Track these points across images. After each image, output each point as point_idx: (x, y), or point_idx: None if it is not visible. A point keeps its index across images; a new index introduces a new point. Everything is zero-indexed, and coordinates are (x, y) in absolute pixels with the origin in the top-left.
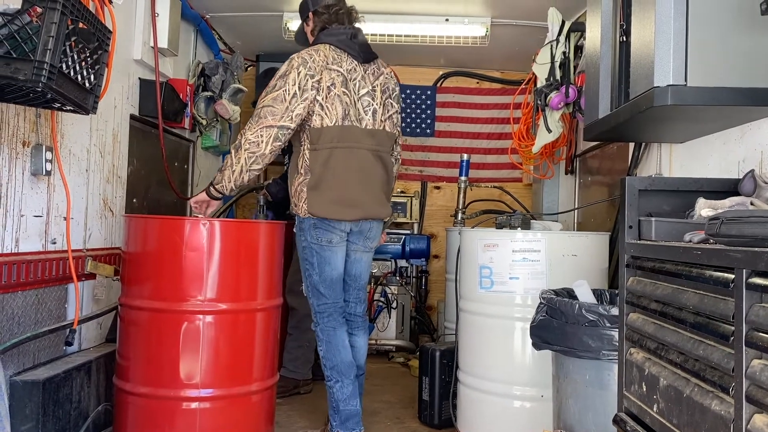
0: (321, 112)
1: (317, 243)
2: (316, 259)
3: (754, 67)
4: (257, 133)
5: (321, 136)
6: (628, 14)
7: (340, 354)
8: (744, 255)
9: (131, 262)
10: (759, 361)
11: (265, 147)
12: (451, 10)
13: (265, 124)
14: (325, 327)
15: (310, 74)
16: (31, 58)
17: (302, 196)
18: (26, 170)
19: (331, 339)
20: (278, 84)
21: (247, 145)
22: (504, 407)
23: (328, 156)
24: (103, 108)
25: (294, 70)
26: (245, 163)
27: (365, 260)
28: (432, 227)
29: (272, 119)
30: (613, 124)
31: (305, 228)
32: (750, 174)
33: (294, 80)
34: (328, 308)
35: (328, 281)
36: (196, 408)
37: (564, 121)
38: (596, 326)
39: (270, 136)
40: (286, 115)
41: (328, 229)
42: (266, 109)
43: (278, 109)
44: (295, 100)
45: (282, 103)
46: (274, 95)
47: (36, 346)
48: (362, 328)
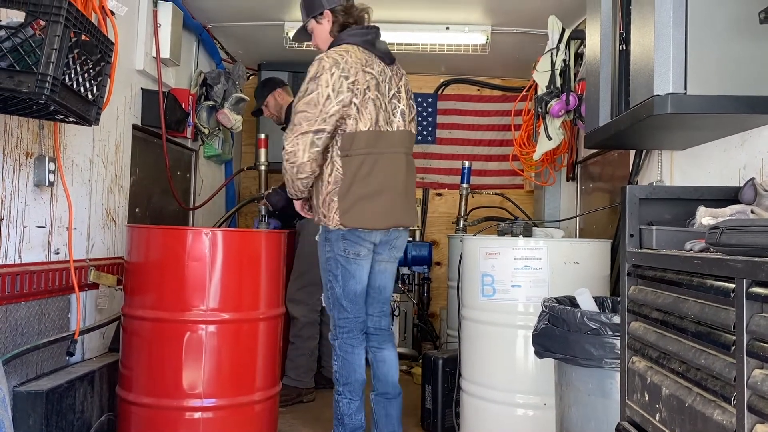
0: (357, 115)
1: (344, 255)
2: (340, 272)
3: (753, 75)
4: (293, 142)
5: (354, 141)
6: (627, 23)
7: (356, 373)
8: (744, 265)
9: (134, 272)
10: (760, 371)
11: (302, 155)
12: (451, 18)
13: (300, 131)
14: (343, 344)
15: (344, 75)
16: (35, 71)
17: (332, 206)
18: (29, 181)
19: (348, 357)
20: (310, 87)
21: (286, 156)
22: (507, 415)
23: (361, 162)
24: (106, 118)
25: (326, 72)
26: (290, 174)
27: (390, 271)
28: (434, 234)
29: (306, 125)
30: (614, 132)
31: (332, 239)
32: (750, 182)
33: (327, 82)
34: (350, 323)
35: (351, 295)
36: (199, 418)
37: (565, 128)
38: (598, 334)
39: (306, 143)
40: (320, 118)
41: (357, 241)
42: (300, 116)
43: (312, 113)
44: (329, 101)
45: (315, 106)
46: (307, 99)
47: (39, 356)
48: (390, 341)
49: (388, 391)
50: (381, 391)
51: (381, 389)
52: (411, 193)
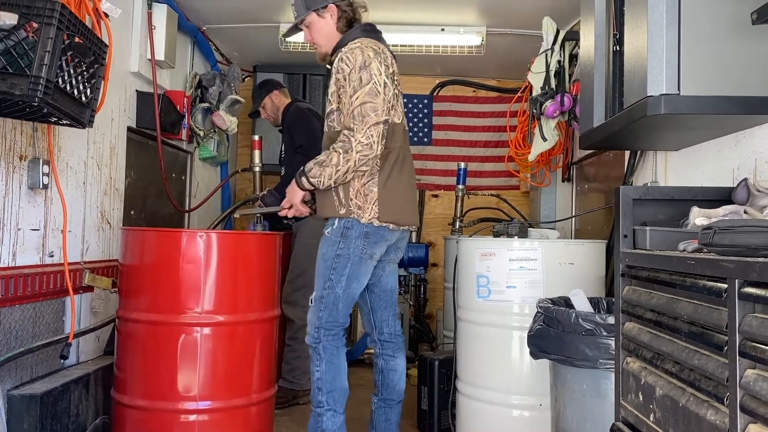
0: (395, 107)
1: (360, 254)
2: (348, 271)
3: (746, 75)
4: (367, 134)
5: (394, 133)
6: (621, 24)
7: (341, 378)
8: (736, 265)
9: (128, 274)
10: (753, 371)
11: (377, 147)
12: (446, 19)
13: (372, 123)
14: (328, 345)
15: (386, 65)
16: (28, 74)
17: (371, 197)
18: (23, 184)
19: (333, 360)
20: (363, 77)
21: (360, 147)
22: (503, 416)
23: (396, 156)
24: (101, 121)
25: (373, 60)
26: (354, 165)
27: (396, 272)
28: (430, 235)
29: (375, 116)
30: (608, 133)
31: (352, 235)
32: (743, 183)
33: (378, 69)
34: (336, 327)
35: (350, 299)
36: (194, 420)
37: (560, 129)
38: (593, 335)
39: (378, 134)
40: (384, 108)
41: (379, 241)
42: (367, 107)
43: (377, 103)
44: (387, 89)
45: (377, 96)
46: (367, 90)
47: (34, 359)
48: (402, 348)
49: (393, 397)
50: (385, 397)
51: (386, 395)
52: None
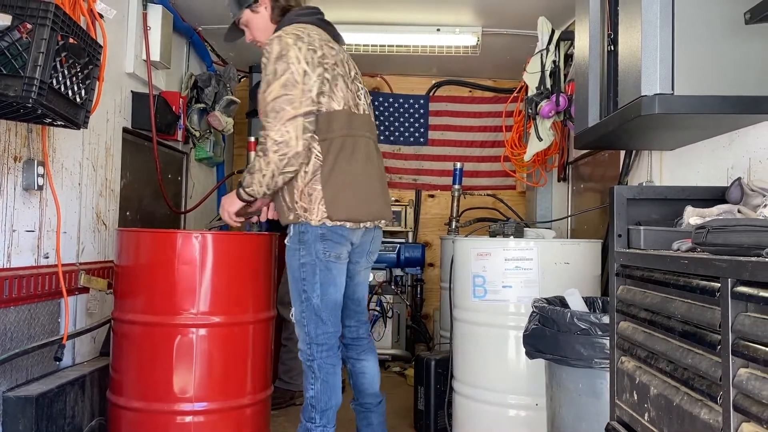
0: (330, 93)
1: (323, 259)
2: (319, 278)
3: (739, 75)
4: (281, 131)
5: (331, 122)
6: (615, 24)
7: (336, 397)
8: (729, 264)
9: (124, 275)
10: (745, 370)
11: (296, 143)
12: (442, 20)
13: (287, 117)
14: (324, 364)
15: (312, 48)
16: (22, 75)
17: (315, 196)
18: (18, 185)
19: (329, 379)
20: (279, 68)
21: (275, 147)
22: (499, 416)
23: (341, 146)
24: (96, 121)
25: (292, 48)
26: (277, 168)
27: (367, 280)
28: (427, 236)
29: (292, 108)
30: (603, 133)
31: (309, 240)
32: (737, 182)
33: (297, 57)
34: (330, 339)
35: (331, 305)
36: (190, 422)
37: (555, 129)
38: (588, 335)
39: (297, 128)
40: (305, 98)
41: (339, 240)
42: (281, 100)
43: (294, 94)
44: (307, 78)
45: (295, 86)
46: (282, 81)
47: (29, 361)
48: (369, 350)
49: (369, 401)
50: (361, 401)
51: (361, 399)
52: (386, 184)
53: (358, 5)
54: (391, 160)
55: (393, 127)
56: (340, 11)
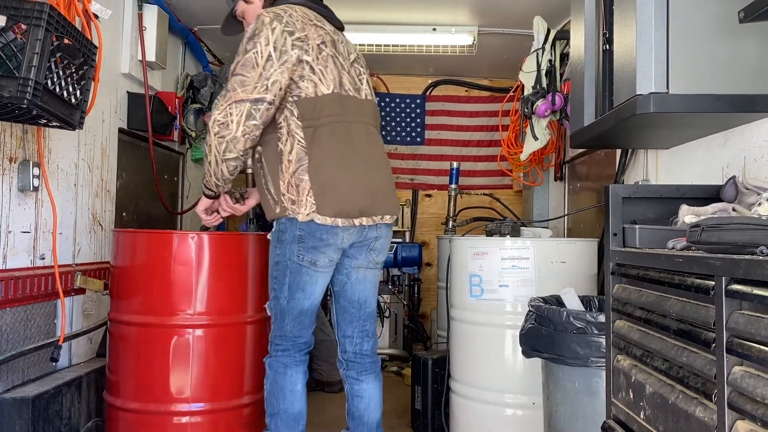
0: (313, 76)
1: (297, 262)
2: (288, 281)
3: (734, 74)
4: (225, 111)
5: (317, 107)
6: (610, 23)
7: (286, 400)
8: (723, 262)
9: (120, 276)
10: (740, 368)
11: (236, 128)
12: (438, 19)
13: (235, 99)
14: (275, 362)
15: (289, 30)
16: (16, 75)
17: (303, 187)
18: (13, 186)
19: (278, 379)
20: (248, 47)
21: (216, 128)
22: (496, 415)
23: (331, 132)
24: (91, 122)
25: (266, 27)
26: (217, 152)
27: (371, 280)
28: (424, 235)
29: (242, 91)
30: (599, 132)
31: (286, 240)
32: (732, 180)
33: (267, 39)
34: (286, 342)
35: (296, 311)
36: (187, 422)
37: (551, 128)
38: (584, 333)
39: (241, 113)
40: (260, 85)
41: (317, 245)
42: (235, 80)
43: (249, 77)
44: (270, 64)
45: (254, 68)
46: (242, 60)
47: (25, 362)
48: (372, 371)
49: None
50: (353, 430)
51: (353, 427)
52: (391, 176)
53: (354, 5)
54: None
55: (390, 127)
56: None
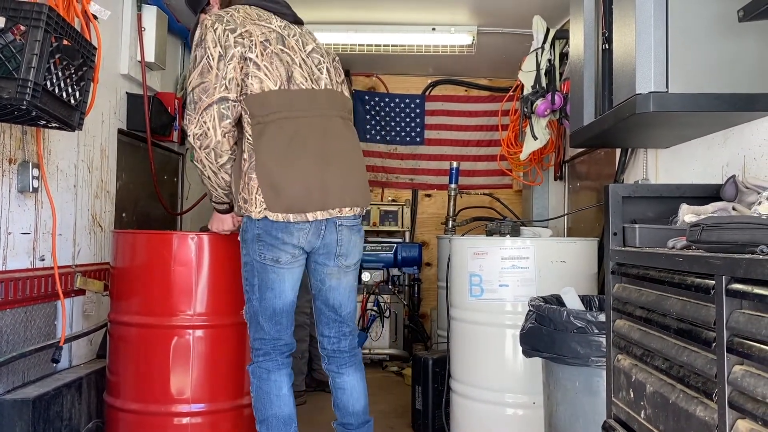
0: (258, 72)
1: (260, 260)
2: (257, 281)
3: (733, 73)
4: (198, 122)
5: (264, 103)
6: (609, 22)
7: (273, 405)
8: (723, 261)
9: (120, 277)
10: (740, 367)
11: (215, 133)
12: (437, 19)
13: (202, 107)
14: (257, 369)
15: (230, 28)
16: (15, 77)
17: (252, 185)
18: (13, 187)
19: (263, 385)
20: (198, 54)
21: (198, 142)
22: (496, 415)
23: (279, 128)
24: (91, 123)
25: (209, 30)
26: (209, 162)
27: (345, 284)
28: (423, 235)
29: (206, 97)
30: (598, 131)
31: (248, 239)
32: (731, 179)
33: (213, 41)
34: (265, 345)
35: (269, 312)
36: (187, 423)
37: (551, 127)
38: (584, 333)
39: (213, 117)
40: (220, 84)
41: (274, 243)
42: (197, 90)
43: (208, 81)
44: (221, 62)
45: (210, 71)
46: (198, 70)
47: (25, 364)
48: (351, 364)
49: (350, 421)
50: (341, 422)
51: (341, 419)
52: (358, 167)
53: (353, 5)
54: (387, 159)
55: (389, 127)
56: (336, 11)
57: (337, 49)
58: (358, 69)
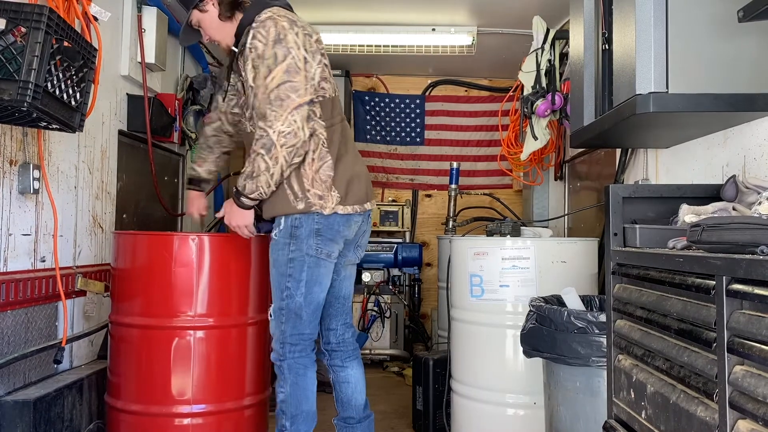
0: (330, 78)
1: (315, 255)
2: (306, 275)
3: (733, 73)
4: (288, 120)
5: (333, 108)
6: (609, 22)
7: (308, 401)
8: (724, 262)
9: (121, 278)
10: (741, 368)
11: (302, 133)
12: (437, 19)
13: (293, 106)
14: (294, 364)
15: (307, 33)
16: (16, 78)
17: (329, 183)
18: (14, 189)
19: (300, 381)
20: (279, 53)
21: (283, 140)
22: (497, 415)
23: (341, 131)
24: (91, 124)
25: (289, 32)
26: (285, 162)
27: (353, 276)
28: (424, 235)
29: (297, 96)
30: (598, 131)
31: (302, 235)
32: (732, 180)
33: (296, 43)
34: (304, 340)
35: (314, 305)
36: (188, 424)
37: (551, 127)
38: (585, 333)
39: (303, 117)
40: (309, 86)
41: (333, 237)
42: (285, 87)
43: (298, 81)
44: (309, 65)
45: (298, 72)
46: (284, 67)
47: (26, 365)
48: (354, 357)
49: (352, 415)
50: (343, 416)
51: (343, 413)
52: None
53: (353, 5)
54: (387, 160)
55: (389, 127)
56: (336, 11)
57: (337, 49)
58: (358, 69)
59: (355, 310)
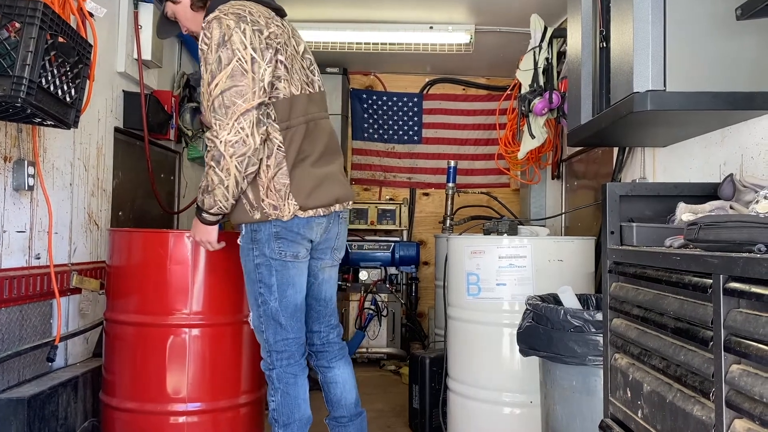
0: (287, 76)
1: (279, 258)
2: (276, 279)
3: (731, 71)
4: (234, 129)
5: (292, 107)
6: (607, 20)
7: (300, 410)
8: (721, 260)
9: (116, 276)
10: (738, 366)
11: (253, 140)
12: (434, 17)
13: (240, 112)
14: (283, 373)
15: (257, 29)
16: (10, 74)
17: (285, 191)
18: (8, 185)
19: (290, 390)
20: (223, 56)
21: (231, 150)
22: (493, 414)
23: (304, 132)
24: (87, 121)
25: (234, 31)
26: (238, 172)
27: (334, 277)
28: (421, 234)
29: (243, 102)
30: (596, 130)
31: (262, 239)
32: (729, 178)
33: (242, 42)
34: (290, 346)
35: (291, 308)
36: (183, 422)
37: (549, 126)
38: (582, 332)
39: (251, 123)
40: (258, 89)
41: (294, 239)
42: (230, 93)
43: (244, 85)
44: (257, 66)
45: (244, 76)
46: (228, 71)
47: (21, 363)
48: (341, 356)
49: (342, 414)
50: (334, 415)
51: (334, 413)
52: (342, 164)
53: (351, 3)
54: (385, 158)
55: (387, 126)
56: (334, 9)
57: (334, 47)
58: (355, 67)
59: (352, 309)
